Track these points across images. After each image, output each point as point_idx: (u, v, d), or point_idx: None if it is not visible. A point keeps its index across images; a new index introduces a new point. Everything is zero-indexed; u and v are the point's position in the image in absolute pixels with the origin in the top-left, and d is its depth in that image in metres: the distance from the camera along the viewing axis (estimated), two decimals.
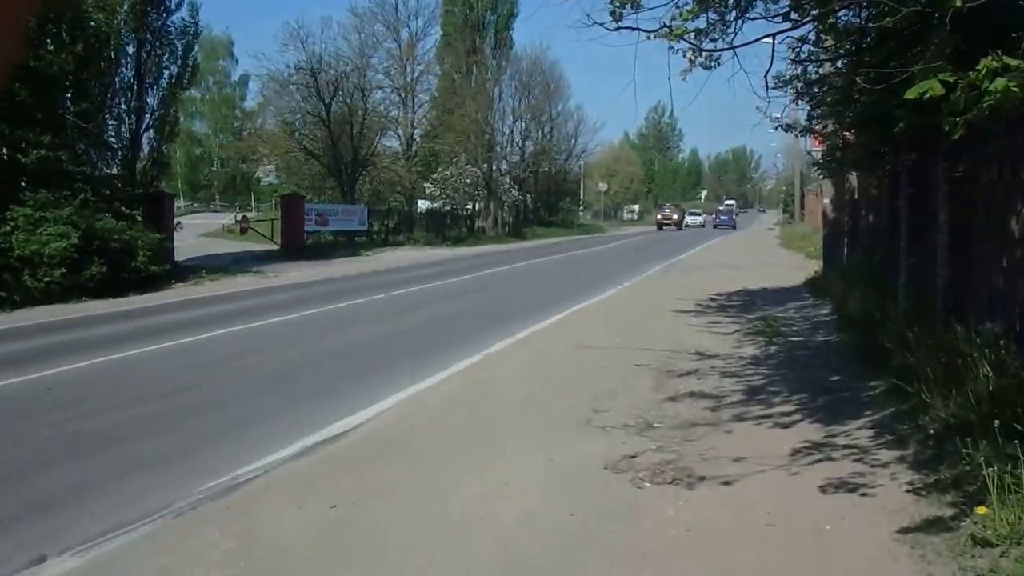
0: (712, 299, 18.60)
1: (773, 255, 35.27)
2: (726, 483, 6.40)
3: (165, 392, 10.28)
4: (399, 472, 6.90)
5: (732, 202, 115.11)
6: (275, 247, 37.94)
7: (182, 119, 49.47)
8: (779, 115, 15.25)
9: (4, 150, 22.14)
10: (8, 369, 11.83)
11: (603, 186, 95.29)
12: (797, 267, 26.02)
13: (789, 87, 12.85)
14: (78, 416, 9.09)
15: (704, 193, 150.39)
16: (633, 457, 7.09)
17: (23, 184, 22.35)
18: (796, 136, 19.30)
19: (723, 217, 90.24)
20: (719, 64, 8.42)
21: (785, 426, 7.97)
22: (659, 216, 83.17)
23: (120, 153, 28.36)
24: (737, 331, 13.92)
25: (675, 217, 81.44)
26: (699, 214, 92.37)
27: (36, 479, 7.02)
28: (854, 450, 7.10)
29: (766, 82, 9.24)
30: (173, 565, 5.20)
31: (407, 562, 5.16)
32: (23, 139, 21.87)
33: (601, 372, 10.75)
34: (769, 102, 10.46)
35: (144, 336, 14.80)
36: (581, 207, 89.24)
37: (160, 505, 6.31)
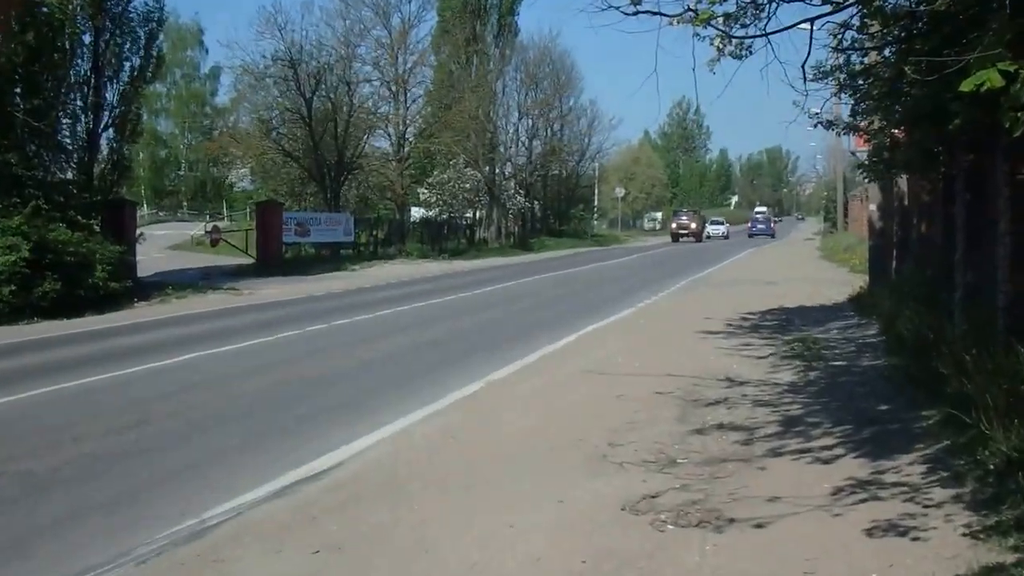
0: (744, 318, 18.59)
1: (813, 268, 35.27)
2: (759, 526, 6.39)
3: (124, 424, 10.28)
4: (388, 514, 6.90)
5: (764, 209, 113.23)
6: (250, 261, 38.06)
7: (145, 117, 49.86)
8: (818, 111, 15.28)
9: None
10: None
11: (620, 191, 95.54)
12: (840, 282, 26.00)
13: (830, 79, 12.88)
14: (23, 455, 9.09)
15: (735, 199, 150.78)
16: (654, 497, 7.08)
17: None
18: (838, 135, 19.34)
19: (760, 225, 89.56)
20: (751, 53, 8.46)
21: (826, 461, 7.95)
22: (674, 225, 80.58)
23: (75, 155, 28.45)
24: (772, 354, 13.91)
25: (693, 226, 78.44)
26: (721, 223, 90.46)
27: None
28: (904, 488, 7.08)
29: (804, 73, 9.28)
30: None
31: None
32: None
33: (618, 401, 10.74)
34: (807, 96, 10.44)
35: (102, 361, 14.83)
36: (596, 215, 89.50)
37: (119, 552, 6.31)
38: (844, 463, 7.88)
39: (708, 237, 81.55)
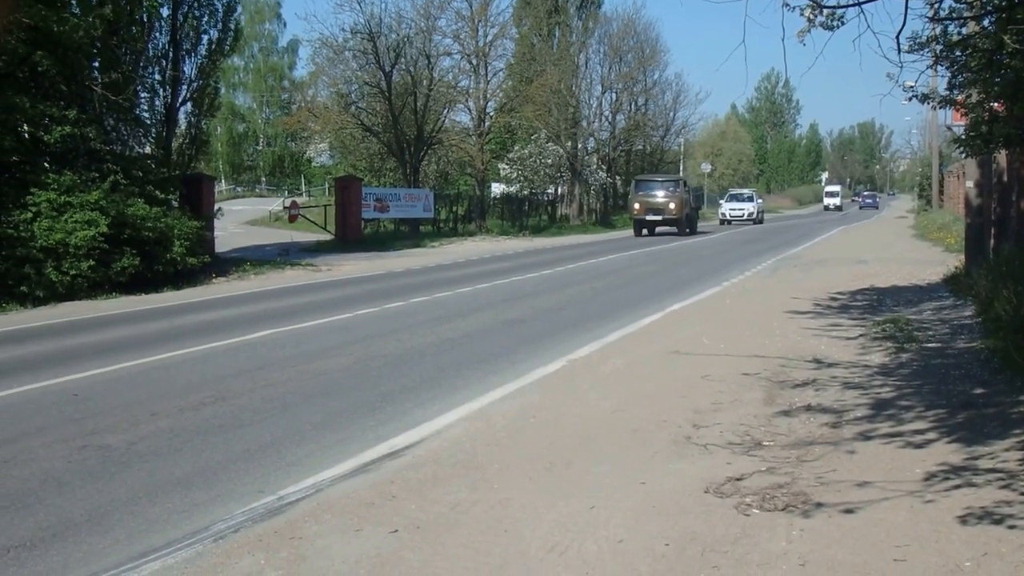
0: (833, 298, 18.39)
1: (905, 247, 34.77)
2: (848, 511, 6.34)
3: (201, 401, 10.48)
4: (467, 494, 6.95)
5: (837, 188, 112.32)
6: (328, 237, 38.43)
7: (223, 91, 50.48)
8: (913, 84, 15.01)
9: (24, 127, 22.66)
10: (29, 373, 12.21)
11: (707, 167, 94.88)
12: (934, 261, 25.62)
13: (926, 50, 12.63)
14: (103, 428, 9.32)
15: (825, 175, 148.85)
16: (739, 480, 7.05)
17: (46, 165, 22.87)
18: (934, 108, 19.07)
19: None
20: (842, 23, 8.35)
21: (918, 446, 7.86)
22: (636, 205, 48.87)
23: (154, 130, 28.92)
24: (862, 336, 13.75)
25: (671, 206, 47.59)
26: (749, 198, 69.11)
27: (55, 499, 7.21)
28: (1000, 475, 6.98)
29: (898, 44, 9.13)
30: None
31: None
32: (46, 114, 22.36)
33: (703, 382, 10.70)
34: (902, 68, 10.34)
35: (179, 337, 15.10)
36: None
37: (196, 528, 6.44)
38: (937, 448, 7.78)
39: (727, 221, 65.45)
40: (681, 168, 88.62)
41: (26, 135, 22.69)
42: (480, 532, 6.20)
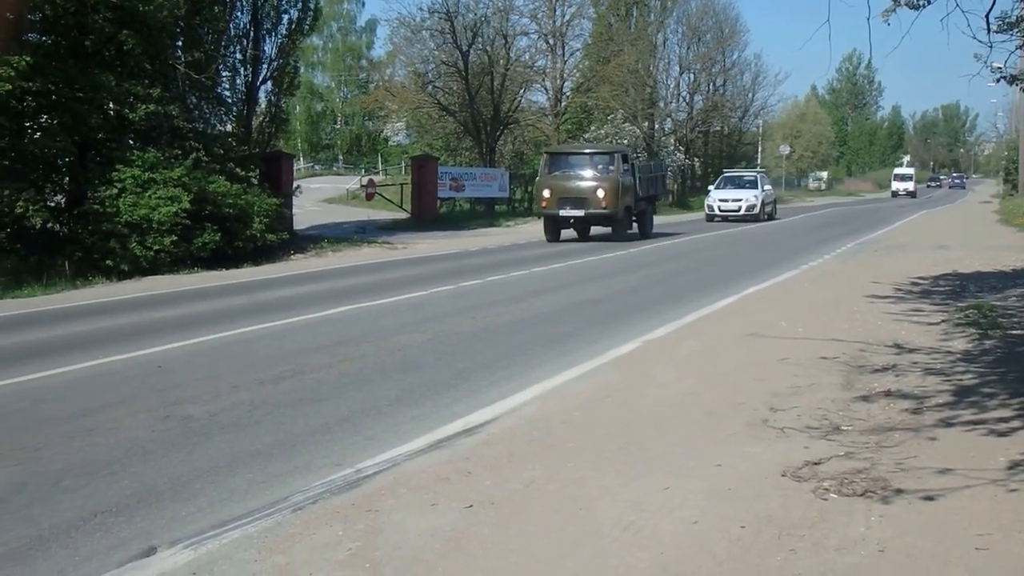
0: (914, 283, 18.13)
1: (989, 232, 34.18)
2: (928, 498, 6.26)
3: (280, 375, 10.60)
4: (542, 471, 6.96)
5: (910, 170, 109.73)
6: (404, 215, 38.63)
7: (302, 70, 50.83)
8: (1002, 65, 14.70)
9: (111, 104, 23.02)
10: (115, 345, 12.45)
11: (785, 149, 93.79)
12: (1019, 247, 25.17)
13: (1015, 31, 12.40)
14: (186, 399, 9.47)
15: (906, 158, 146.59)
16: (817, 464, 6.98)
17: (131, 142, 23.25)
18: (1022, 90, 18.64)
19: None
20: (929, 2, 8.21)
21: (1002, 434, 7.73)
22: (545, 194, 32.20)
23: (235, 108, 29.29)
24: (944, 321, 13.54)
25: (603, 193, 31.37)
26: (752, 184, 46.60)
27: (139, 467, 7.34)
28: None
29: (987, 24, 8.97)
30: (289, 564, 5.38)
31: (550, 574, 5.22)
32: (131, 92, 22.72)
33: (780, 365, 10.60)
34: (991, 48, 10.12)
35: (258, 312, 15.28)
36: None
37: (275, 498, 6.52)
38: (1022, 436, 7.64)
39: (715, 217, 44.49)
40: (759, 151, 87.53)
41: (112, 113, 23.05)
42: (554, 510, 6.21)
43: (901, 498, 6.27)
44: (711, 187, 48.92)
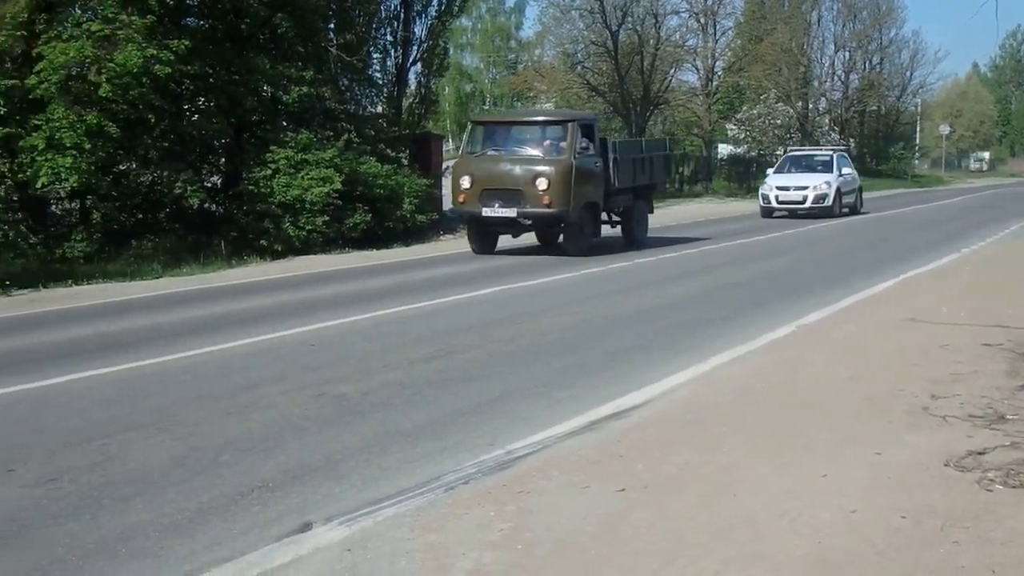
0: None
1: None
2: None
3: (430, 354, 10.75)
4: (694, 456, 6.90)
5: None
6: None
7: (451, 51, 51.14)
8: None
9: (265, 87, 23.57)
10: (268, 323, 12.78)
11: (945, 129, 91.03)
12: None
13: None
14: (338, 378, 9.66)
15: None
16: (981, 454, 6.78)
17: (284, 124, 23.77)
18: None
19: None
20: None
21: None
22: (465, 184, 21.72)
23: (385, 90, 29.67)
24: None
25: (540, 186, 21.12)
26: (820, 163, 36.10)
27: (294, 444, 7.52)
28: None
29: None
30: (442, 543, 5.43)
31: (703, 562, 5.16)
32: (284, 75, 23.21)
33: (941, 352, 10.31)
34: None
35: (409, 292, 15.48)
36: (917, 154, 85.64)
37: (427, 478, 6.60)
38: None
39: (774, 211, 33.84)
40: (917, 131, 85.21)
41: (267, 95, 23.59)
42: (707, 495, 6.15)
43: None
44: (770, 170, 37.44)
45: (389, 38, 29.63)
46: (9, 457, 7.18)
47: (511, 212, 20.44)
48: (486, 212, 20.59)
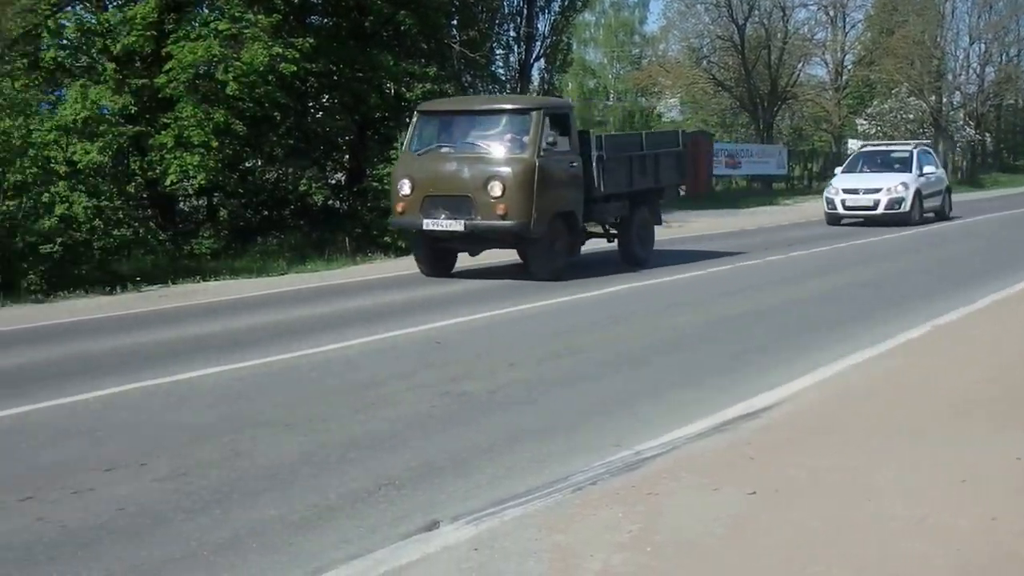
0: None
1: None
2: None
3: (555, 353, 10.80)
4: (826, 459, 6.79)
5: None
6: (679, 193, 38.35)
7: (574, 47, 51.12)
8: None
9: (389, 84, 23.83)
10: (394, 319, 12.99)
11: None
12: None
13: None
14: (463, 376, 9.73)
15: None
16: None
17: (407, 120, 23.97)
18: None
19: None
20: None
21: None
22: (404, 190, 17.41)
23: (508, 86, 29.75)
24: None
25: (494, 192, 16.83)
26: (898, 161, 30.65)
27: (419, 442, 7.59)
28: None
29: None
30: (570, 544, 5.41)
31: (836, 569, 5.07)
32: (408, 72, 23.43)
33: None
34: None
35: (532, 291, 15.43)
36: None
37: (554, 478, 6.60)
38: None
39: (841, 218, 29.16)
40: None
41: (390, 92, 23.85)
42: (840, 499, 6.04)
43: None
44: (838, 169, 32.36)
45: (512, 34, 29.82)
46: (141, 451, 7.37)
47: (456, 225, 16.48)
48: (428, 224, 16.67)
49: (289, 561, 5.47)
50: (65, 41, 21.93)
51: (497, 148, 16.86)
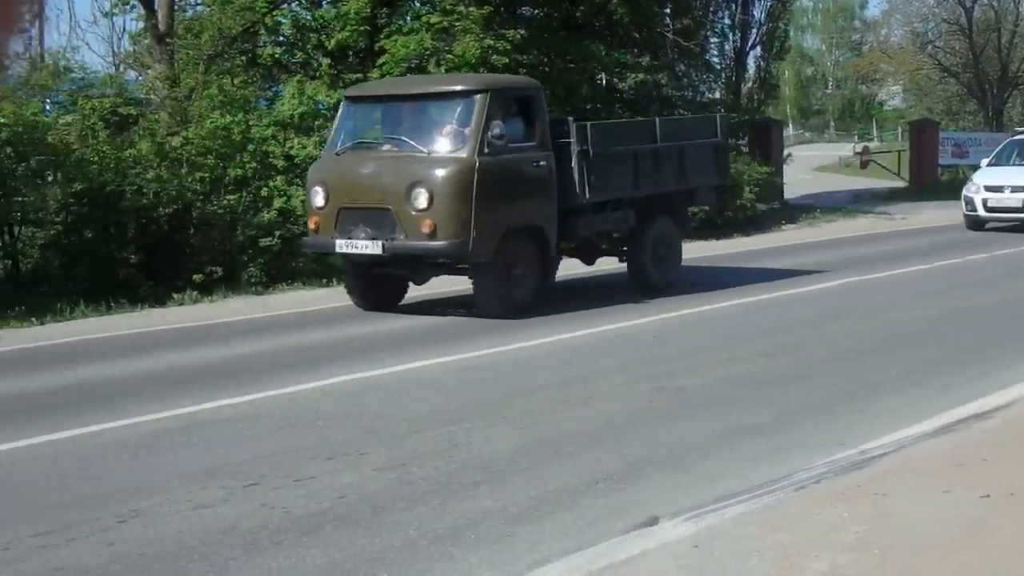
0: None
1: None
2: None
3: (774, 348, 10.68)
4: None
5: None
6: (902, 184, 37.31)
7: (791, 33, 50.24)
8: None
9: (601, 75, 23.86)
10: (608, 315, 12.87)
11: None
12: None
13: None
14: (679, 371, 9.70)
15: None
16: None
17: (620, 111, 23.98)
18: None
19: None
20: None
21: None
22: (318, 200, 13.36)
23: (723, 75, 29.41)
24: None
25: (418, 202, 12.43)
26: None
27: (636, 436, 7.60)
28: None
29: None
30: (793, 543, 5.32)
31: None
32: (620, 62, 23.42)
33: None
34: None
35: (757, 283, 15.16)
36: None
37: (774, 475, 6.51)
38: None
39: (985, 222, 22.97)
40: None
41: (602, 83, 23.87)
42: None
43: None
44: (983, 161, 26.58)
45: (727, 21, 29.38)
46: (361, 441, 7.60)
47: (375, 247, 12.50)
48: (342, 246, 12.90)
49: (508, 552, 5.54)
50: (281, 38, 22.67)
51: (429, 144, 12.91)
